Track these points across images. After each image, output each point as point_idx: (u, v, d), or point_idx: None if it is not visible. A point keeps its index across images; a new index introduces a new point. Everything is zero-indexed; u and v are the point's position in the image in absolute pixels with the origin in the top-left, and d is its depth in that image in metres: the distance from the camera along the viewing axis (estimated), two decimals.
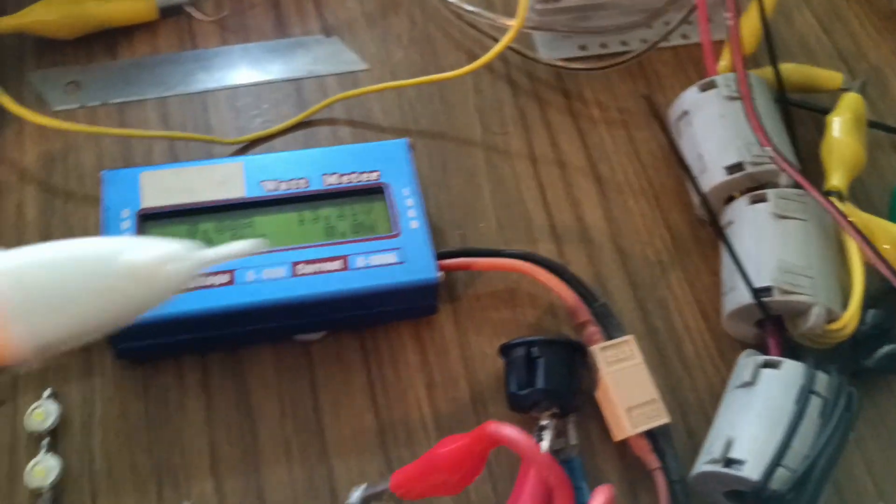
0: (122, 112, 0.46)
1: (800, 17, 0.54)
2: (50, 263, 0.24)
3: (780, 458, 0.32)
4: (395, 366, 0.39)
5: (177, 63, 0.48)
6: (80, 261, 0.25)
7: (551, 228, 0.44)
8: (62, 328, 0.24)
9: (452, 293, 0.41)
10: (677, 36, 0.51)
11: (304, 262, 0.37)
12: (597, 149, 0.47)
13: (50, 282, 0.24)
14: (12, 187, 0.43)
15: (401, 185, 0.40)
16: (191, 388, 0.38)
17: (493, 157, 0.46)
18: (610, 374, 0.37)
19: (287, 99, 0.47)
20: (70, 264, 0.24)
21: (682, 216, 0.45)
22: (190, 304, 0.36)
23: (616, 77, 0.49)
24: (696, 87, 0.43)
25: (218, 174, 0.40)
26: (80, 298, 0.24)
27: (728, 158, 0.40)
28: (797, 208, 0.38)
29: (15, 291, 0.23)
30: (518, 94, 0.48)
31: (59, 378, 0.38)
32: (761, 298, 0.37)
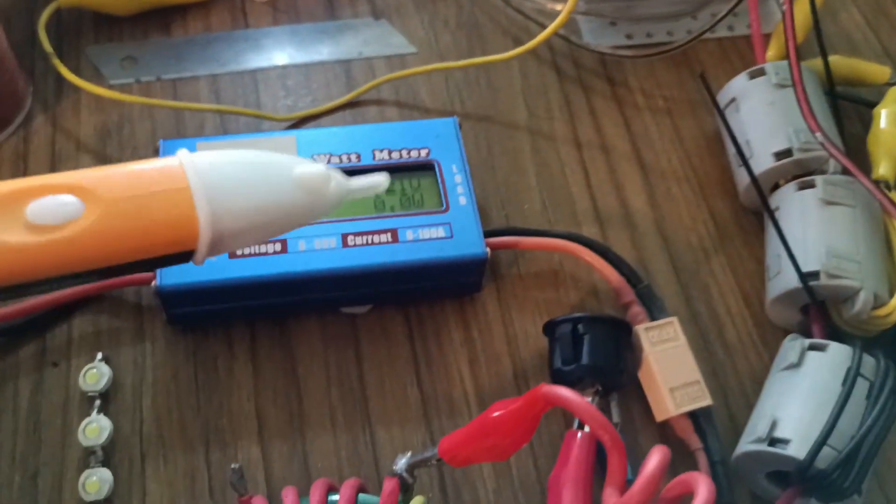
0: (176, 87, 0.47)
1: (846, 14, 0.54)
2: (239, 162, 0.26)
3: (826, 438, 0.32)
4: (438, 341, 0.39)
5: (229, 42, 0.49)
6: (263, 164, 0.27)
7: (595, 212, 0.44)
8: (239, 221, 0.26)
9: (496, 272, 0.41)
10: (723, 28, 0.51)
11: (354, 234, 0.38)
12: (641, 136, 0.47)
13: (236, 177, 0.26)
14: (69, 155, 0.43)
15: (450, 162, 0.40)
16: (239, 355, 0.38)
17: (538, 141, 0.46)
18: (653, 353, 0.37)
19: (336, 80, 0.48)
20: (255, 167, 0.27)
21: (726, 204, 0.45)
22: (243, 270, 0.36)
23: (661, 66, 0.49)
24: (745, 74, 0.43)
25: (271, 146, 0.40)
26: (259, 197, 0.26)
27: (776, 145, 0.40)
28: (845, 195, 0.38)
29: (205, 180, 0.25)
30: (563, 80, 0.49)
31: (111, 342, 0.38)
32: (808, 283, 0.37)
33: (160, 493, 0.35)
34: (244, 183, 0.26)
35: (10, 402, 0.36)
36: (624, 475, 0.27)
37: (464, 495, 0.36)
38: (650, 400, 0.37)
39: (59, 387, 0.37)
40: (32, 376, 0.37)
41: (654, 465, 0.25)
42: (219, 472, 0.35)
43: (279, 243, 0.37)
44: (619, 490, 0.26)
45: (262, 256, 0.36)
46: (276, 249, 0.37)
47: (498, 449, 0.29)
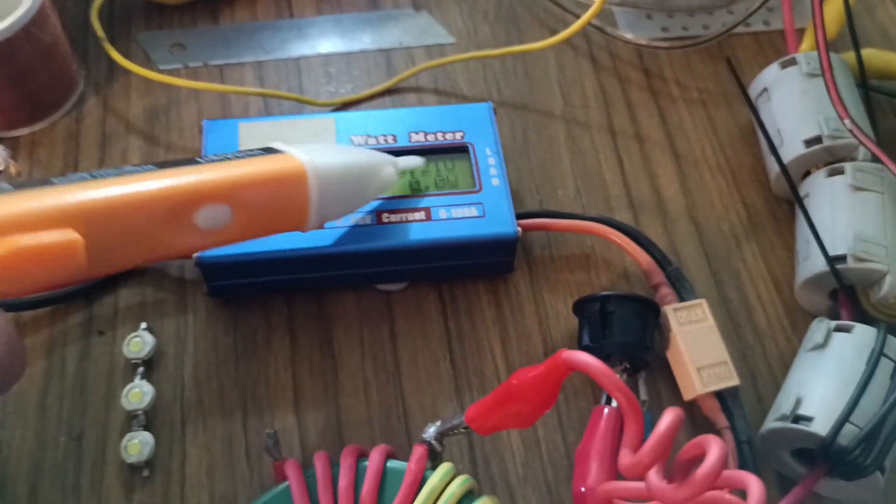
0: (222, 73, 0.48)
1: (882, 9, 0.54)
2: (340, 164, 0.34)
3: (849, 415, 0.32)
4: (471, 319, 0.40)
5: (274, 30, 0.50)
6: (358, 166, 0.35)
7: (628, 198, 0.44)
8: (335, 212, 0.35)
9: (529, 254, 0.42)
10: (759, 22, 0.52)
11: (389, 212, 0.38)
12: (675, 125, 0.47)
13: (338, 181, 0.33)
14: (119, 136, 0.45)
15: (484, 145, 0.41)
16: (277, 327, 0.39)
17: (573, 129, 0.47)
18: (682, 333, 0.37)
19: (377, 67, 0.49)
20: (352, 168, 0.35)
21: (759, 193, 0.45)
22: (281, 244, 0.37)
23: (696, 58, 0.50)
24: (777, 64, 0.44)
25: (311, 127, 0.41)
26: (349, 194, 0.35)
27: (807, 132, 0.41)
28: (874, 181, 0.39)
29: (318, 183, 0.32)
30: (599, 70, 0.49)
31: (155, 313, 0.40)
32: (836, 266, 0.37)
33: (199, 457, 0.36)
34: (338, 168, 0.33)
35: (58, 368, 0.38)
36: (640, 437, 0.27)
37: (492, 467, 0.36)
38: (678, 379, 0.38)
39: (104, 354, 0.38)
40: (80, 344, 0.39)
41: (665, 425, 0.25)
42: (255, 437, 0.37)
43: None
44: (634, 451, 0.27)
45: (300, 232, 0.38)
46: None
47: (522, 415, 0.30)
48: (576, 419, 0.38)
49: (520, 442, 0.37)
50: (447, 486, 0.31)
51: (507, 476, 0.36)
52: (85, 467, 0.36)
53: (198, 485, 0.35)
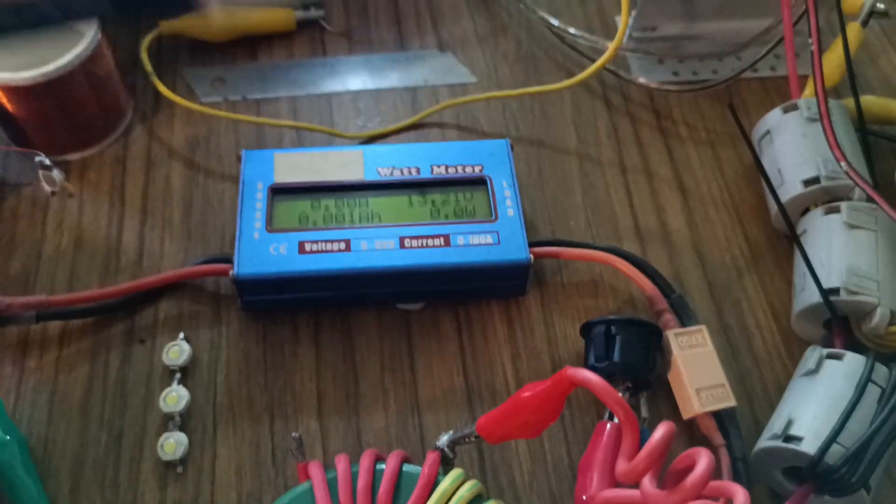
0: (259, 106, 0.51)
1: (885, 58, 0.56)
2: None
3: (836, 436, 0.34)
4: (484, 338, 0.42)
5: (308, 68, 0.53)
6: None
7: (636, 230, 0.47)
8: None
9: (541, 280, 0.44)
10: (766, 68, 0.54)
11: (411, 238, 0.41)
12: (683, 163, 0.50)
13: None
14: (162, 161, 0.48)
15: (501, 178, 0.43)
16: (304, 340, 0.42)
17: (586, 165, 0.49)
18: (682, 356, 0.39)
19: (403, 104, 0.52)
20: None
21: (761, 228, 0.47)
22: (310, 264, 0.40)
23: (705, 101, 0.52)
24: (780, 108, 0.46)
25: (341, 159, 0.44)
26: None
27: (805, 173, 0.43)
28: (868, 220, 0.41)
29: None
30: (612, 111, 0.52)
31: (192, 325, 0.42)
32: (829, 298, 0.39)
33: (228, 457, 0.38)
34: None
35: (101, 372, 0.40)
36: (635, 447, 0.29)
37: (500, 476, 0.38)
38: (678, 399, 0.40)
39: (144, 361, 0.41)
40: (122, 350, 0.41)
41: (658, 436, 0.27)
42: (281, 441, 0.39)
43: (343, 242, 0.40)
44: (630, 460, 0.29)
45: (329, 253, 0.40)
46: (340, 248, 0.40)
47: (529, 426, 0.32)
48: (580, 434, 0.40)
49: (527, 453, 0.39)
50: (457, 490, 0.33)
51: (515, 484, 0.38)
52: (123, 463, 0.38)
53: (226, 483, 0.38)
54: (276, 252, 0.40)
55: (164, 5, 0.52)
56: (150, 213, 0.46)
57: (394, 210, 0.43)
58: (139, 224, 0.46)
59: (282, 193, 0.43)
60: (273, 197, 0.43)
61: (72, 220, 0.46)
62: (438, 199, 0.43)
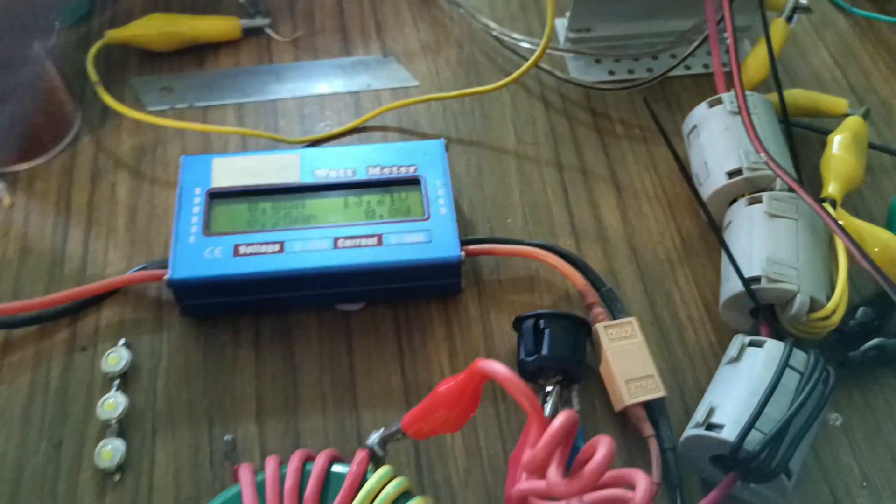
0: (205, 114, 0.49)
1: (815, 53, 0.55)
2: None
3: (754, 422, 0.32)
4: (422, 336, 0.41)
5: (254, 75, 0.51)
6: None
7: (572, 227, 0.45)
8: None
9: (478, 277, 0.43)
10: (699, 66, 0.53)
11: (345, 238, 0.39)
12: (618, 161, 0.48)
13: None
14: (109, 170, 0.46)
15: (435, 178, 0.42)
16: (244, 344, 0.40)
17: (524, 164, 0.48)
18: (612, 349, 0.38)
19: (347, 109, 0.50)
20: None
21: (693, 221, 0.46)
22: (243, 267, 0.38)
23: (639, 99, 0.51)
24: (705, 103, 0.44)
25: (278, 162, 0.42)
26: None
27: (729, 164, 0.41)
28: (788, 209, 0.39)
29: None
30: (550, 110, 0.50)
31: (134, 331, 0.40)
32: (751, 286, 0.37)
33: (167, 463, 0.37)
34: None
35: (43, 381, 0.39)
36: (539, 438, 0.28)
37: (436, 472, 0.37)
38: (609, 391, 0.38)
39: (85, 368, 0.39)
40: (63, 358, 0.39)
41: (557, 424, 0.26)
42: (219, 445, 0.37)
43: (277, 244, 0.39)
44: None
45: (262, 255, 0.39)
46: (274, 250, 0.39)
47: (450, 421, 0.30)
48: (515, 429, 0.38)
49: (462, 449, 0.38)
50: (384, 487, 0.31)
51: (450, 481, 0.37)
52: (63, 472, 0.36)
53: (164, 488, 0.36)
54: (210, 256, 0.39)
55: None
56: (95, 221, 0.44)
57: (329, 211, 0.41)
58: (84, 233, 0.44)
59: (219, 198, 0.41)
60: (210, 201, 0.41)
61: (18, 230, 0.44)
62: (374, 200, 0.41)
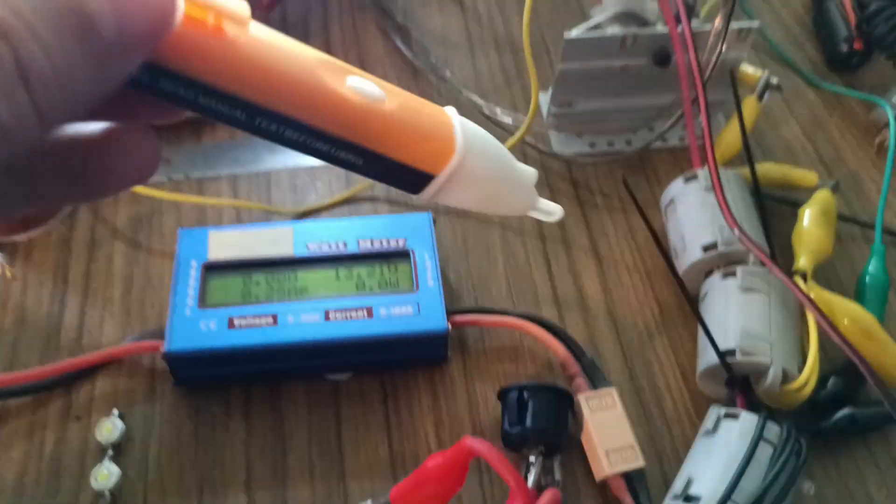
0: (201, 185, 0.51)
1: (785, 125, 0.57)
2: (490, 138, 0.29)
3: (730, 495, 0.33)
4: (409, 406, 0.42)
5: (249, 147, 0.53)
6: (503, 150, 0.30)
7: (554, 296, 0.46)
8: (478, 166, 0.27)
9: (464, 346, 0.44)
10: (675, 138, 0.54)
11: (336, 311, 0.40)
12: (598, 231, 0.50)
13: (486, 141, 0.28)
14: (106, 241, 0.47)
15: (423, 250, 0.43)
16: (235, 414, 0.41)
17: (508, 235, 0.49)
18: (592, 419, 0.39)
19: (338, 180, 0.51)
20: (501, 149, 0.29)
21: (670, 291, 0.47)
22: (238, 339, 0.39)
23: (619, 171, 0.53)
24: (682, 178, 0.46)
25: (272, 235, 0.44)
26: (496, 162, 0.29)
27: (704, 239, 0.43)
28: (761, 283, 0.41)
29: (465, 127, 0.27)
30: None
31: (127, 401, 0.41)
32: (726, 359, 0.39)
33: None
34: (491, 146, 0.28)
35: (37, 451, 0.39)
36: None
37: None
38: (590, 461, 0.39)
39: (79, 438, 0.40)
40: (57, 428, 0.40)
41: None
42: None
43: (271, 317, 0.40)
44: None
45: (257, 328, 0.40)
46: (268, 322, 0.40)
47: (437, 497, 0.31)
48: (499, 500, 0.39)
49: None
50: None
51: None
52: None
53: None
54: (206, 328, 0.40)
55: None
56: (91, 292, 0.45)
57: (321, 283, 0.42)
58: (80, 303, 0.45)
59: (215, 270, 0.42)
60: (206, 274, 0.42)
61: (15, 301, 0.45)
62: (364, 272, 0.43)
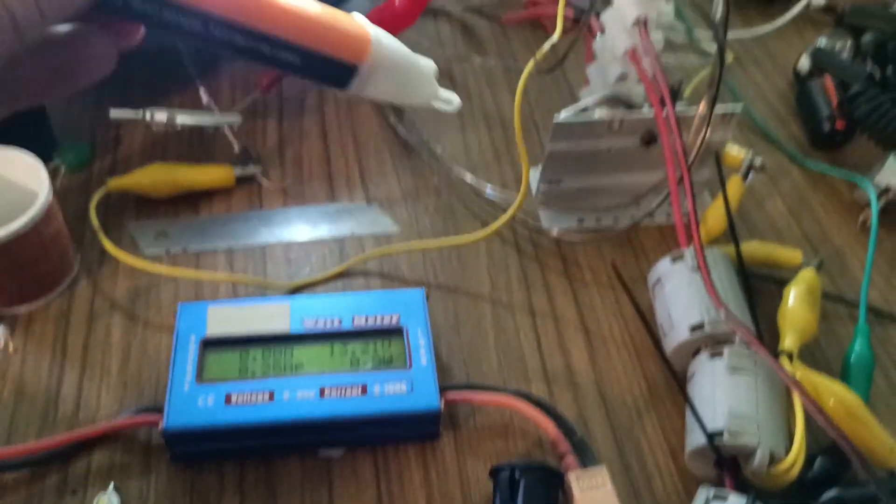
0: (198, 258, 0.52)
1: (771, 202, 0.59)
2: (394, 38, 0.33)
3: None
4: (401, 482, 0.42)
5: (245, 220, 0.54)
6: None
7: (543, 372, 0.47)
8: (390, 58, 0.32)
9: (455, 422, 0.45)
10: (662, 215, 0.56)
11: (331, 388, 0.41)
12: (587, 306, 0.51)
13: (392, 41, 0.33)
14: (104, 313, 0.48)
15: (416, 327, 0.44)
16: (229, 489, 0.41)
17: (498, 310, 0.50)
18: (582, 498, 0.39)
19: (331, 254, 0.53)
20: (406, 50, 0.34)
21: (658, 368, 0.48)
22: (235, 416, 0.40)
23: (607, 247, 0.54)
24: (668, 258, 0.48)
25: (269, 311, 0.45)
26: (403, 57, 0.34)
27: (691, 319, 0.44)
28: (748, 363, 0.42)
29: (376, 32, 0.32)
30: (523, 258, 0.53)
31: (123, 475, 0.42)
32: (714, 440, 0.39)
33: None
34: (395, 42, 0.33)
35: None
36: None
37: None
38: None
39: None
40: (54, 503, 0.40)
41: None
42: None
43: (267, 393, 0.41)
44: None
45: (253, 405, 0.40)
46: (264, 399, 0.41)
47: None
48: None
49: None
50: None
51: None
52: None
53: None
54: (203, 404, 0.40)
55: None
56: (89, 364, 0.46)
57: (316, 359, 0.43)
58: (78, 375, 0.45)
59: (212, 346, 0.43)
60: (204, 349, 0.43)
61: (14, 373, 0.45)
62: (358, 349, 0.44)
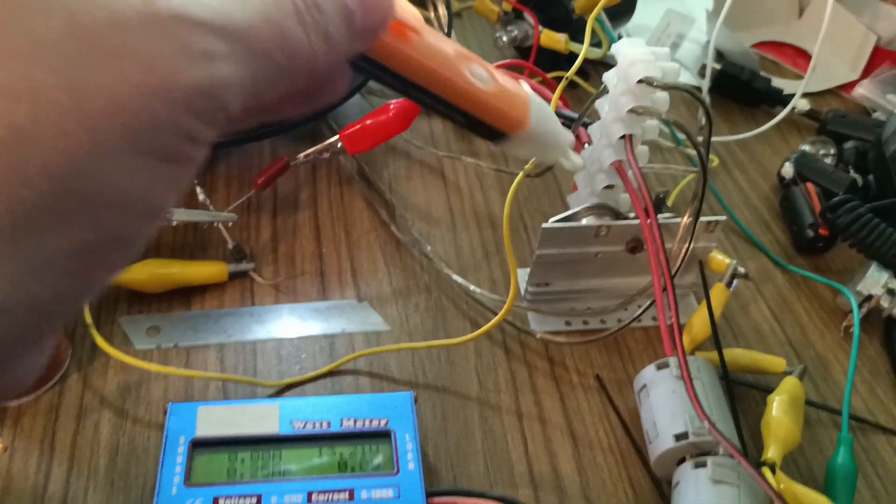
0: (189, 354, 0.53)
1: (755, 306, 0.60)
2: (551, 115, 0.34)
3: None
4: None
5: (237, 316, 0.55)
6: None
7: (530, 476, 0.48)
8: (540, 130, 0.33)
9: None
10: (648, 318, 0.58)
11: (318, 493, 0.42)
12: (574, 409, 0.52)
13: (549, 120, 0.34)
14: (94, 409, 0.49)
15: (404, 431, 0.45)
16: None
17: (486, 411, 0.51)
18: None
19: (322, 351, 0.54)
20: None
21: (643, 474, 0.49)
22: None
23: (594, 350, 0.55)
24: (654, 365, 0.49)
25: (258, 412, 0.45)
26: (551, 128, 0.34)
27: (676, 428, 0.45)
28: (731, 475, 0.43)
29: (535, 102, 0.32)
30: (511, 359, 0.54)
31: None
32: None
33: None
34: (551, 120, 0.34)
35: None
36: None
37: None
38: None
39: None
40: None
41: None
42: None
43: (255, 497, 0.41)
44: None
45: None
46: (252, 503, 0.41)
47: None
48: None
49: None
50: None
51: None
52: None
53: None
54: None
55: None
56: (77, 461, 0.46)
57: (304, 463, 0.44)
58: (66, 473, 0.46)
59: (202, 447, 0.44)
60: (193, 451, 0.43)
61: (2, 468, 0.46)
62: (346, 452, 0.44)
